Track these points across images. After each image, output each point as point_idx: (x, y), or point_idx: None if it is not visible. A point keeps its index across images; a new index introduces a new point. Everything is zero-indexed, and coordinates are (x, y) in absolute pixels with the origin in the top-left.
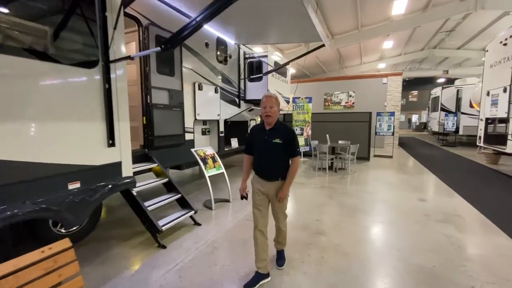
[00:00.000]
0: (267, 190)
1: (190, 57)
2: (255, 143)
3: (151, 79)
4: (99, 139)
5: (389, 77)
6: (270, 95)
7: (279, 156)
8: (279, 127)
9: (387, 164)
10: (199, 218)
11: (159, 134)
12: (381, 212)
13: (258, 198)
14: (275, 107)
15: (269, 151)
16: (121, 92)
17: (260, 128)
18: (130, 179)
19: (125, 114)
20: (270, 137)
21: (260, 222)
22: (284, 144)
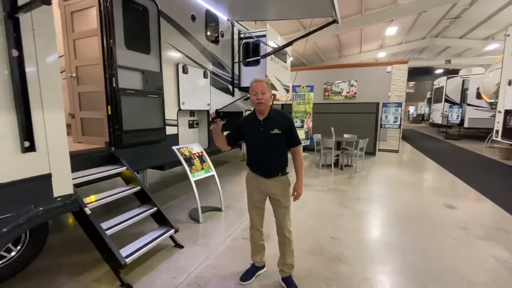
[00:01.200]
0: (268, 188)
1: (172, 32)
2: (248, 137)
3: (117, 56)
4: (3, 140)
5: (393, 65)
6: (261, 79)
7: (279, 149)
8: (275, 115)
9: (395, 160)
10: (182, 236)
11: (129, 128)
12: (409, 225)
13: (257, 198)
14: (267, 93)
15: (267, 145)
16: (47, 65)
17: (252, 119)
18: (69, 199)
19: (55, 100)
20: (266, 128)
21: (257, 221)
22: (284, 134)
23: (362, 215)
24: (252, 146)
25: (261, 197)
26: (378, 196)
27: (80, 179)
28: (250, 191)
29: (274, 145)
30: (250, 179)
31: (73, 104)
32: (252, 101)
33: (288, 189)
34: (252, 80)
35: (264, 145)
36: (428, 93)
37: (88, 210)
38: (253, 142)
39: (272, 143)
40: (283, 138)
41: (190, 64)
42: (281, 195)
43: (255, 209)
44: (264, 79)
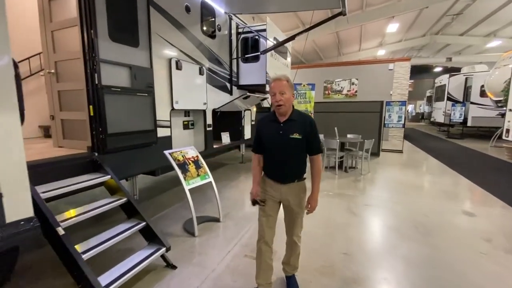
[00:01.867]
0: (282, 194)
1: (164, 23)
2: (266, 139)
3: (100, 48)
4: None
5: (396, 62)
6: (280, 78)
7: (298, 154)
8: (297, 117)
9: (400, 161)
10: (175, 252)
11: (115, 130)
12: (427, 237)
13: (269, 205)
14: (287, 93)
15: (285, 149)
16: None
17: (271, 121)
18: (28, 225)
19: (6, 101)
20: (286, 131)
21: (268, 234)
22: (304, 139)
23: (373, 224)
24: (270, 150)
25: (274, 205)
26: (388, 202)
27: (55, 191)
28: (265, 195)
29: (292, 150)
30: (264, 185)
31: (52, 104)
32: (272, 103)
33: (303, 196)
34: (271, 80)
35: (281, 150)
36: (427, 92)
37: (61, 230)
38: (270, 146)
39: (290, 148)
40: (303, 143)
41: (184, 59)
42: (295, 204)
43: (266, 217)
44: (283, 76)
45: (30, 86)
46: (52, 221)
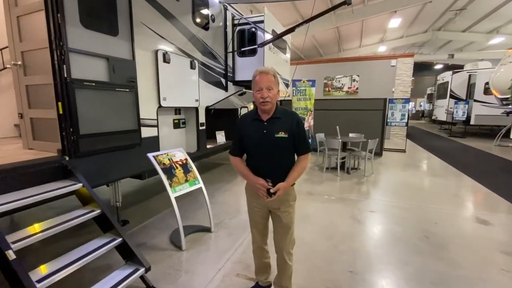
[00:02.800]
0: (268, 202)
1: (148, 10)
2: (248, 139)
3: (69, 36)
4: None
5: (398, 58)
6: (266, 71)
7: (284, 155)
8: (281, 114)
9: (404, 161)
10: (158, 271)
11: (88, 131)
12: (441, 250)
13: (258, 214)
14: (274, 89)
15: (270, 150)
16: None
17: (253, 119)
18: None
19: None
20: (271, 130)
21: (260, 239)
22: (291, 137)
23: (381, 235)
24: (252, 152)
25: (262, 211)
26: (394, 208)
27: (11, 204)
28: (250, 205)
29: (279, 151)
30: (249, 190)
31: (20, 101)
32: (256, 99)
33: (293, 204)
34: (255, 72)
35: (266, 151)
36: (428, 89)
37: (11, 255)
38: (253, 147)
39: (276, 148)
40: (290, 142)
41: (173, 51)
42: (283, 211)
43: (255, 226)
44: (270, 69)
45: (2, 80)
46: (0, 241)
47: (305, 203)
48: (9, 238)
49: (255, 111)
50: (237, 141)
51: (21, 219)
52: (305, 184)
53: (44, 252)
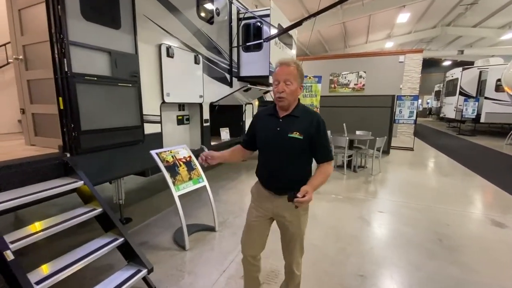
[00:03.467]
0: (275, 208)
1: (152, 3)
2: (260, 135)
3: (69, 28)
4: None
5: (406, 54)
6: (288, 62)
7: (297, 159)
8: (300, 113)
9: (412, 160)
10: (161, 271)
11: (90, 127)
12: (455, 253)
13: (257, 219)
14: (294, 84)
15: (281, 150)
16: None
17: (269, 114)
18: None
19: None
20: (285, 128)
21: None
22: (307, 140)
23: (391, 237)
24: (263, 151)
25: (264, 218)
26: (404, 208)
27: (9, 203)
28: (252, 206)
29: (290, 152)
30: (254, 192)
31: (22, 96)
32: (274, 94)
33: (304, 214)
34: (277, 63)
35: (276, 150)
36: (436, 86)
37: (10, 255)
38: (264, 145)
39: (287, 149)
40: (304, 145)
41: (177, 46)
42: (292, 223)
43: (250, 232)
44: (292, 61)
45: (7, 75)
46: None
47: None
48: (8, 237)
49: (274, 107)
50: (248, 132)
51: (25, 215)
52: None
53: (45, 249)
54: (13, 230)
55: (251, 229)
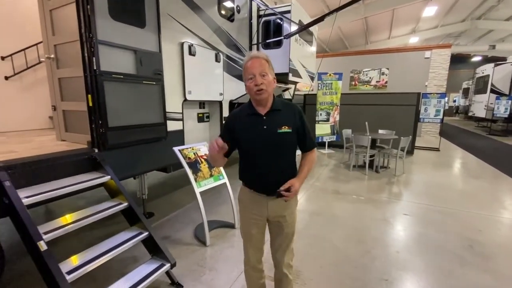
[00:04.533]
0: (269, 211)
1: (175, 1)
2: (244, 139)
3: (98, 28)
4: None
5: (433, 50)
6: (258, 56)
7: (289, 152)
8: (281, 106)
9: (438, 160)
10: (183, 266)
11: (117, 124)
12: (488, 260)
13: (254, 226)
14: (269, 75)
15: (272, 149)
16: None
17: (248, 114)
18: None
19: None
20: (272, 124)
21: (255, 257)
22: (295, 132)
23: (418, 240)
24: (250, 152)
25: (260, 223)
26: (431, 211)
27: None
28: (245, 215)
29: (282, 148)
30: (245, 199)
31: (53, 93)
32: (249, 90)
33: (295, 210)
34: (245, 58)
35: (267, 150)
36: (464, 83)
37: (43, 245)
38: (251, 147)
39: (280, 146)
40: (294, 138)
41: (198, 44)
42: (284, 218)
43: (251, 240)
44: (262, 53)
45: (39, 74)
46: (32, 233)
47: (332, 202)
48: (41, 228)
49: (249, 105)
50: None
51: (54, 207)
52: (330, 182)
53: (74, 240)
54: (44, 221)
55: (251, 238)
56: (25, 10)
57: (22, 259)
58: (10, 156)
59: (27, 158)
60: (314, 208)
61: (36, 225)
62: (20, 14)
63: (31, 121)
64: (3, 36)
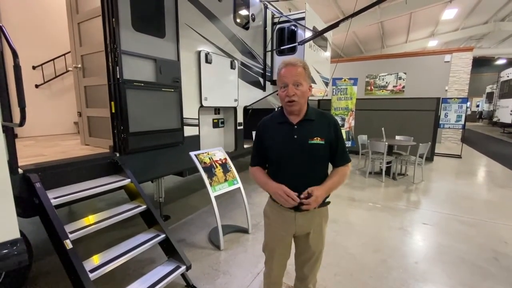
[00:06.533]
0: (297, 227)
1: (193, 12)
2: (274, 147)
3: (122, 39)
4: None
5: (454, 53)
6: (295, 63)
7: (319, 165)
8: (315, 116)
9: (460, 168)
10: (197, 269)
11: (137, 129)
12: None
13: (281, 241)
14: (304, 84)
15: (302, 160)
16: None
17: (279, 122)
18: (9, 249)
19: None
20: (303, 134)
21: (278, 273)
22: (328, 144)
23: (438, 251)
24: (279, 162)
25: (287, 240)
26: (452, 221)
27: (68, 196)
28: (271, 231)
29: (312, 160)
30: (271, 215)
31: (79, 100)
32: (281, 99)
33: (325, 226)
34: (280, 64)
35: (297, 161)
36: (487, 87)
37: (69, 244)
38: (279, 157)
39: (309, 157)
40: (326, 150)
41: (214, 52)
42: (315, 239)
43: (275, 257)
44: (299, 60)
45: (66, 82)
46: (60, 231)
47: (347, 209)
48: (67, 228)
49: (280, 113)
50: (257, 150)
51: (77, 208)
52: (345, 189)
53: (95, 240)
54: (67, 221)
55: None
56: (54, 23)
57: (46, 258)
58: (39, 159)
59: (55, 161)
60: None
61: (63, 225)
62: (49, 26)
63: (58, 126)
64: (34, 46)
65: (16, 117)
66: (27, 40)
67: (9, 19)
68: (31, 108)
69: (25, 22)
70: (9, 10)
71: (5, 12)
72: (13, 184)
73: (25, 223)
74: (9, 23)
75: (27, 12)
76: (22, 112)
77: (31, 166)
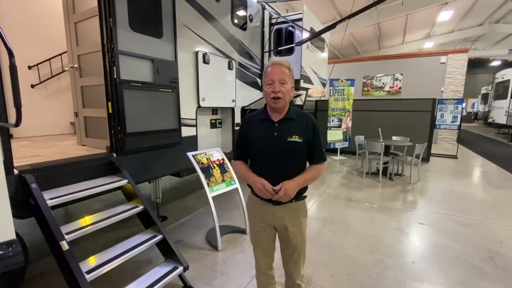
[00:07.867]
0: (276, 219)
1: (190, 12)
2: (255, 143)
3: (119, 39)
4: None
5: (449, 55)
6: (281, 62)
7: (296, 162)
8: (296, 115)
9: (456, 168)
10: (195, 269)
11: (134, 129)
12: (508, 272)
13: (263, 234)
14: (288, 83)
15: (280, 155)
16: None
17: (261, 119)
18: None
19: None
20: (283, 132)
21: (265, 264)
22: (306, 143)
23: (435, 251)
24: (258, 158)
25: (269, 231)
26: (448, 221)
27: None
28: (254, 223)
29: (290, 157)
30: (252, 206)
31: (76, 100)
32: (266, 95)
33: (304, 220)
34: (268, 63)
35: (275, 156)
36: (483, 88)
37: (65, 245)
38: (260, 152)
39: (287, 154)
40: (303, 149)
41: (212, 52)
42: (294, 232)
43: (259, 247)
44: (285, 61)
45: (62, 82)
46: (56, 233)
47: (344, 209)
48: (63, 229)
49: (264, 110)
50: (240, 143)
51: (73, 209)
52: (342, 188)
53: (91, 241)
54: (63, 223)
55: (260, 245)
56: (50, 22)
57: (41, 260)
58: (35, 160)
59: (51, 162)
60: (326, 215)
61: (59, 226)
62: (46, 25)
63: (54, 127)
64: (30, 46)
65: (12, 117)
66: (23, 39)
67: (4, 18)
68: (27, 108)
69: (21, 21)
70: (4, 9)
71: (0, 11)
72: (9, 185)
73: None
74: (5, 23)
75: (23, 11)
76: (17, 112)
77: (27, 166)
